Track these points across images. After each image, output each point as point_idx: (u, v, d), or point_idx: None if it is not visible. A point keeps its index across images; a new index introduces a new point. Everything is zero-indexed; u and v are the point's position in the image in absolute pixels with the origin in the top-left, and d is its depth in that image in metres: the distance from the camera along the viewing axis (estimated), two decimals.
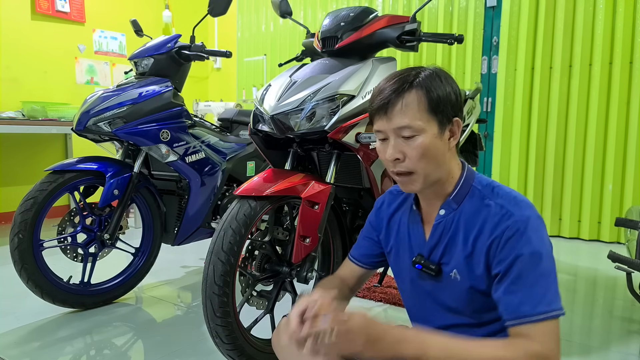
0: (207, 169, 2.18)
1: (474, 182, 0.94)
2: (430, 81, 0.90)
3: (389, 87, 0.91)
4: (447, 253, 0.94)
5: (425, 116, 0.89)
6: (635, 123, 3.18)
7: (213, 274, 1.29)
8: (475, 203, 0.92)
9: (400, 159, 0.90)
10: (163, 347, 1.70)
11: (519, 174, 3.61)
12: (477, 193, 0.93)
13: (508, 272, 0.83)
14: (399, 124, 0.89)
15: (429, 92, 0.89)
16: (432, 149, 0.89)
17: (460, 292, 0.92)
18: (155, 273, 2.41)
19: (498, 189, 0.92)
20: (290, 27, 4.80)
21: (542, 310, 0.80)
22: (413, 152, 0.89)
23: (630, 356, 1.65)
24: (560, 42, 3.38)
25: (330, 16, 1.63)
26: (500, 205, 0.88)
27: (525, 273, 0.82)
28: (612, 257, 1.69)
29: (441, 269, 0.95)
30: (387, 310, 2.05)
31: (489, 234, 0.87)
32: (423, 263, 0.97)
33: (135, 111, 1.98)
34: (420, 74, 0.91)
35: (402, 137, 0.89)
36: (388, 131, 0.91)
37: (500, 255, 0.85)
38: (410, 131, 0.88)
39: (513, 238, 0.84)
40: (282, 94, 1.47)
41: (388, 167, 0.94)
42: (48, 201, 1.85)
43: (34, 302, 2.05)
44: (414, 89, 0.89)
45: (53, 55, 4.12)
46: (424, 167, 0.90)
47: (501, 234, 0.85)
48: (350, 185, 1.76)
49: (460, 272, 0.92)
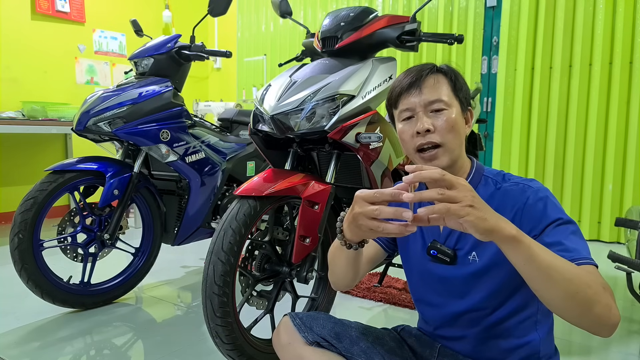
0: (207, 169, 2.18)
1: (484, 172, 0.99)
2: (452, 70, 1.00)
3: (416, 70, 0.97)
4: (462, 239, 0.96)
5: (452, 95, 0.97)
6: (635, 123, 3.18)
7: (213, 274, 1.29)
8: (489, 190, 0.96)
9: (431, 130, 0.93)
10: (163, 347, 1.70)
11: (519, 174, 3.60)
12: (490, 181, 0.97)
13: (550, 226, 0.85)
14: (432, 98, 0.94)
15: (454, 77, 0.98)
16: (459, 123, 0.95)
17: (476, 275, 0.94)
18: (155, 273, 2.41)
19: (509, 176, 0.97)
20: (290, 27, 4.80)
21: (594, 263, 0.80)
22: (444, 124, 0.93)
23: (630, 356, 1.65)
24: (560, 42, 3.38)
25: (330, 16, 1.63)
26: (516, 183, 0.93)
27: (567, 232, 0.84)
28: (612, 257, 1.69)
29: (456, 255, 0.97)
30: (387, 310, 2.05)
31: (510, 208, 0.90)
32: (438, 248, 0.98)
33: (135, 111, 1.98)
34: (440, 65, 1.00)
35: (432, 112, 0.94)
36: (418, 106, 0.95)
37: (528, 216, 0.87)
38: (442, 104, 0.94)
39: (540, 202, 0.87)
40: (282, 94, 1.47)
41: (412, 145, 0.96)
42: (48, 201, 1.85)
43: (34, 302, 2.05)
44: (441, 72, 0.98)
45: (53, 55, 4.12)
46: (451, 141, 0.94)
47: (524, 203, 0.89)
48: (350, 185, 1.76)
49: (479, 253, 0.93)
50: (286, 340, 1.04)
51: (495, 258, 0.91)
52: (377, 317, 1.98)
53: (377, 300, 2.15)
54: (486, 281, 0.93)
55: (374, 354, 1.04)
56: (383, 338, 1.08)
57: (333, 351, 1.01)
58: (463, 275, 0.96)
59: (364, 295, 2.19)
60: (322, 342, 1.01)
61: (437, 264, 0.99)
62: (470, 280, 0.95)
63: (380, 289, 2.26)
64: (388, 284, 2.33)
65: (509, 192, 0.92)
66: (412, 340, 1.09)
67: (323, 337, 1.01)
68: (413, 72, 0.98)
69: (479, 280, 0.94)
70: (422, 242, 1.03)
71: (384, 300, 2.14)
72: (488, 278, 0.93)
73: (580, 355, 1.66)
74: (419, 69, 0.98)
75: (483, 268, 0.93)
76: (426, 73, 0.97)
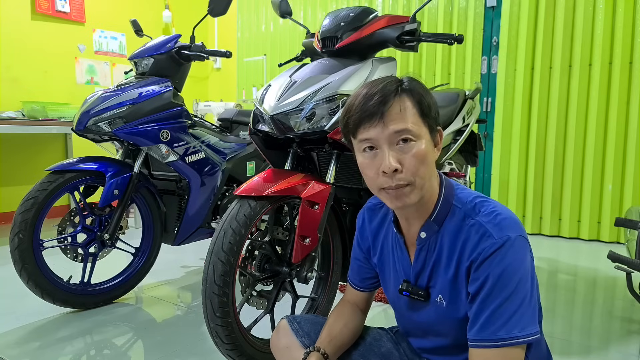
0: (207, 169, 2.18)
1: (454, 201, 0.89)
2: (417, 86, 0.86)
3: (377, 92, 0.83)
4: (433, 277, 0.91)
5: (419, 121, 0.84)
6: (635, 123, 3.18)
7: (213, 274, 1.29)
8: (456, 222, 0.87)
9: (399, 170, 0.82)
10: (163, 347, 1.70)
11: (518, 174, 3.61)
12: (458, 212, 0.88)
13: (478, 292, 0.80)
14: (398, 128, 0.82)
15: (420, 97, 0.85)
16: (429, 154, 0.84)
17: (445, 317, 0.90)
18: (155, 273, 2.41)
19: (480, 206, 0.86)
20: (290, 27, 4.80)
21: (501, 337, 0.77)
22: (412, 160, 0.82)
23: (630, 356, 1.65)
24: (560, 42, 3.38)
25: (330, 16, 1.63)
26: (480, 224, 0.83)
27: (494, 294, 0.78)
28: (612, 257, 1.69)
29: (429, 293, 0.92)
30: (386, 310, 2.05)
31: (468, 255, 0.83)
32: (411, 290, 0.94)
33: (135, 111, 1.98)
34: (403, 80, 0.87)
35: (398, 144, 0.82)
36: (382, 139, 0.82)
37: (474, 275, 0.82)
38: (410, 135, 0.82)
39: (489, 259, 0.80)
40: (282, 94, 1.47)
41: (376, 182, 0.85)
42: (48, 201, 1.85)
43: (34, 302, 2.05)
44: (405, 94, 0.84)
45: (53, 55, 4.12)
46: (422, 177, 0.83)
47: (478, 255, 0.81)
48: (350, 185, 1.76)
49: (445, 297, 0.89)
50: (284, 343, 1.04)
51: (459, 308, 0.87)
52: (376, 317, 1.98)
53: (377, 300, 2.15)
54: (456, 324, 0.89)
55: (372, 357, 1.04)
56: (380, 339, 1.08)
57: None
58: (434, 315, 0.92)
59: None
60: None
61: (412, 301, 0.95)
62: (440, 319, 0.91)
63: (380, 289, 2.26)
64: None
65: (472, 236, 0.83)
66: (405, 345, 1.09)
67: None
68: (376, 96, 0.83)
69: (448, 321, 0.90)
70: (394, 280, 1.00)
71: (384, 301, 2.14)
72: (456, 321, 0.88)
73: (580, 355, 1.66)
74: (382, 92, 0.83)
75: (449, 312, 0.89)
76: (390, 99, 0.82)
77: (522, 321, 0.77)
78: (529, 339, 0.77)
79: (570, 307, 2.12)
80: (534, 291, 0.81)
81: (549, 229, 3.52)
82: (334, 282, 1.71)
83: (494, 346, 0.77)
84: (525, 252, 0.81)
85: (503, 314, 0.77)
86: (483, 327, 0.79)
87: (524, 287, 0.79)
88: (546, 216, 3.54)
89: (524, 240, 0.82)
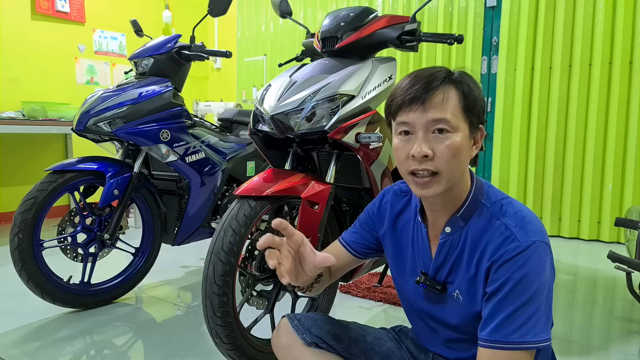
0: (207, 169, 2.18)
1: (482, 199, 0.89)
2: (467, 79, 0.85)
3: (425, 78, 0.83)
4: (452, 273, 0.91)
5: (461, 114, 0.83)
6: (635, 123, 3.18)
7: (213, 274, 1.29)
8: (482, 222, 0.87)
9: (429, 157, 0.81)
10: (163, 347, 1.70)
11: (518, 174, 3.61)
12: (486, 211, 0.87)
13: (495, 293, 0.80)
14: (436, 117, 0.81)
15: (468, 90, 0.84)
16: (463, 150, 0.83)
17: (461, 312, 0.90)
18: (155, 273, 2.41)
19: (507, 207, 0.86)
20: (290, 27, 4.81)
21: (514, 340, 0.77)
22: (445, 150, 0.81)
23: (630, 356, 1.65)
24: (560, 42, 3.38)
25: (330, 16, 1.63)
26: (506, 226, 0.83)
27: (511, 298, 0.78)
28: (612, 257, 1.69)
29: (446, 288, 0.92)
30: (387, 310, 2.05)
31: (489, 256, 0.83)
32: (428, 283, 0.93)
33: (135, 111, 1.98)
34: (454, 72, 0.86)
35: (434, 133, 0.82)
36: (418, 124, 0.82)
37: (493, 276, 0.81)
38: (447, 126, 0.81)
39: (510, 261, 0.79)
40: (282, 94, 1.47)
41: (405, 165, 0.85)
42: (48, 201, 1.85)
43: (34, 302, 2.05)
44: (453, 84, 0.84)
45: (53, 55, 4.12)
46: (452, 169, 0.83)
47: (500, 257, 0.81)
48: (350, 185, 1.76)
49: (462, 293, 0.89)
50: (285, 341, 1.03)
51: (476, 306, 0.87)
52: (376, 317, 1.98)
53: (376, 300, 2.15)
54: (471, 319, 0.89)
55: (373, 355, 1.04)
56: (382, 338, 1.08)
57: (332, 352, 1.01)
58: (450, 309, 0.92)
59: (364, 295, 2.19)
60: (320, 343, 1.00)
61: (427, 293, 0.95)
62: (456, 314, 0.91)
63: (380, 289, 2.26)
64: (388, 284, 2.33)
65: (495, 237, 0.83)
66: (409, 343, 1.09)
67: (321, 338, 1.01)
68: (420, 82, 0.83)
69: (464, 316, 0.90)
70: (411, 269, 0.99)
71: (384, 300, 2.14)
72: (472, 318, 0.88)
73: (580, 355, 1.66)
74: (428, 79, 0.83)
75: (466, 308, 0.89)
76: (435, 86, 0.82)
77: (536, 327, 0.77)
78: (540, 344, 0.77)
79: (570, 307, 2.12)
80: (550, 298, 0.81)
81: (549, 229, 3.52)
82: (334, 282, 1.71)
83: (505, 348, 0.77)
84: (547, 258, 0.81)
85: (518, 318, 0.77)
86: (497, 329, 0.78)
87: (541, 293, 0.79)
88: (546, 216, 3.54)
89: (546, 247, 0.82)
